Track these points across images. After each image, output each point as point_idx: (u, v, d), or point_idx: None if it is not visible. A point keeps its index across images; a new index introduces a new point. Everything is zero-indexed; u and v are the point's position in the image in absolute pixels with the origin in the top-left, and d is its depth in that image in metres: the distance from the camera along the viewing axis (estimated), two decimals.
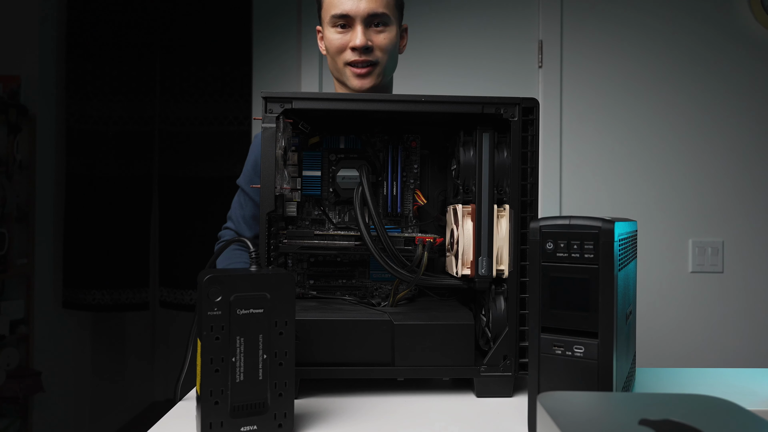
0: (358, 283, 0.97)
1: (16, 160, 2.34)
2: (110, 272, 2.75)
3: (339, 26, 1.10)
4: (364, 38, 1.07)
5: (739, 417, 0.45)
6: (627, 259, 0.70)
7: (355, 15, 1.07)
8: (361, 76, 1.10)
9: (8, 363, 2.25)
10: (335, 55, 1.12)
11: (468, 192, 0.85)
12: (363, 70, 1.10)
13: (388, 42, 1.10)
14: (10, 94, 2.35)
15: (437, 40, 2.12)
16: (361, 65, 1.10)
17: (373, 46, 1.09)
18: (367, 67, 1.10)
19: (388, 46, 1.11)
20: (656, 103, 2.09)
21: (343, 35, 1.10)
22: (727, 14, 2.09)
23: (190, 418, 0.72)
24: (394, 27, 1.12)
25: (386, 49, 1.11)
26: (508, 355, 0.81)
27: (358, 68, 1.10)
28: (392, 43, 1.12)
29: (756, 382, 0.89)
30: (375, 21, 1.09)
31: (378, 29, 1.10)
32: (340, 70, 1.13)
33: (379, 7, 1.08)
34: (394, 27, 1.12)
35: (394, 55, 1.15)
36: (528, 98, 0.83)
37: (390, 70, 1.15)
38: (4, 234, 2.25)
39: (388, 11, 1.09)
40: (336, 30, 1.10)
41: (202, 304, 0.62)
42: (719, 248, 2.06)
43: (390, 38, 1.11)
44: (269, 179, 0.80)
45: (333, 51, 1.12)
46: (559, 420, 0.43)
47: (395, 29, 1.12)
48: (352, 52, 1.09)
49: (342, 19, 1.09)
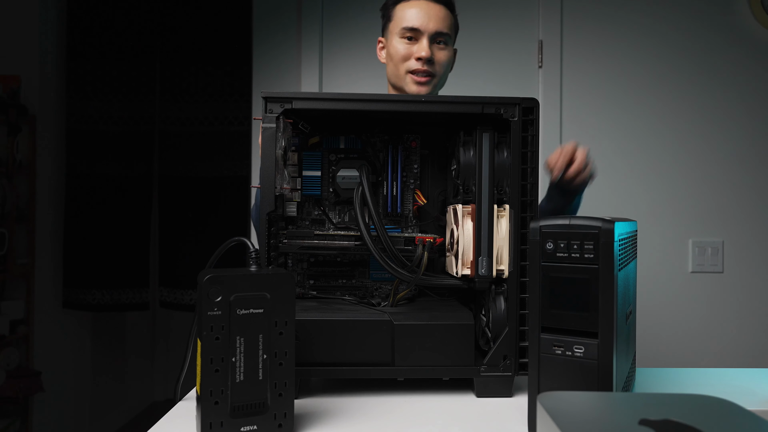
0: (358, 283, 0.97)
1: (16, 160, 2.34)
2: (110, 272, 2.75)
3: (407, 38, 1.23)
4: (429, 51, 1.21)
5: (739, 417, 0.45)
6: (627, 259, 0.70)
7: (423, 30, 1.21)
8: (420, 84, 1.22)
9: (8, 363, 2.25)
10: (399, 63, 1.24)
11: (468, 192, 0.85)
12: (423, 78, 1.22)
13: (446, 59, 1.24)
14: (10, 94, 2.35)
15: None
16: (422, 74, 1.22)
17: (434, 59, 1.22)
18: (427, 77, 1.22)
19: (445, 63, 1.24)
20: (656, 103, 2.09)
21: (409, 46, 1.23)
22: (727, 14, 2.09)
23: (190, 418, 0.72)
24: (451, 47, 1.27)
25: (444, 65, 1.24)
26: (508, 355, 0.81)
27: (419, 76, 1.22)
28: (449, 61, 1.26)
29: (756, 382, 0.89)
30: (439, 39, 1.23)
31: (440, 46, 1.23)
32: (401, 77, 1.24)
33: (444, 27, 1.22)
34: (452, 48, 1.27)
35: (447, 72, 1.28)
36: (528, 98, 0.83)
37: (441, 85, 1.28)
38: (4, 234, 2.25)
39: (450, 32, 1.24)
40: (404, 41, 1.23)
41: (202, 304, 0.62)
42: (719, 248, 2.06)
43: (448, 56, 1.25)
44: (269, 179, 0.80)
45: (398, 59, 1.24)
46: (559, 420, 0.43)
47: (452, 49, 1.27)
48: (416, 61, 1.21)
49: (411, 32, 1.22)
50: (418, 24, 1.21)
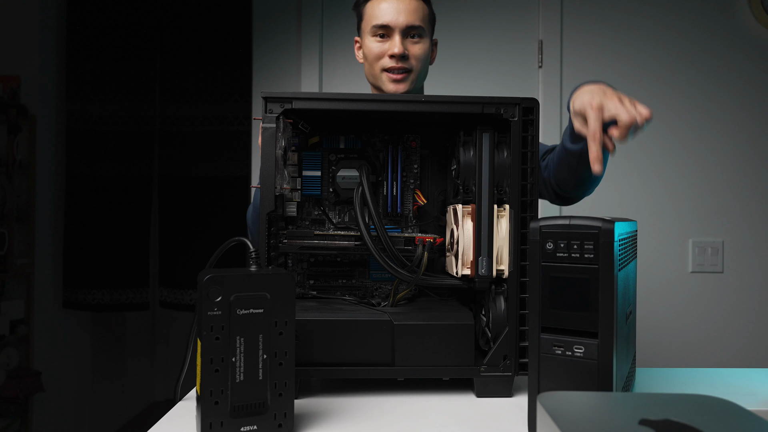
0: (357, 283, 0.97)
1: (16, 160, 2.34)
2: (110, 272, 2.75)
3: (379, 36, 1.19)
4: (402, 47, 1.17)
5: (739, 417, 0.45)
6: (627, 259, 0.70)
7: (394, 26, 1.17)
8: (396, 81, 1.19)
9: (8, 363, 2.25)
10: (374, 62, 1.21)
11: (468, 192, 0.85)
12: (399, 75, 1.19)
13: (422, 52, 1.20)
14: (10, 94, 2.35)
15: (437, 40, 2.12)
16: (397, 71, 1.19)
17: (408, 54, 1.19)
18: (403, 74, 1.19)
19: (421, 56, 1.20)
20: (656, 103, 2.09)
21: (382, 44, 1.19)
22: (727, 14, 2.09)
23: (190, 418, 0.72)
24: (427, 39, 1.22)
25: (420, 59, 1.20)
26: (508, 355, 0.81)
27: (394, 74, 1.19)
28: (425, 54, 1.22)
29: (756, 382, 0.89)
30: (412, 32, 1.19)
31: (414, 40, 1.20)
32: (377, 76, 1.21)
33: (416, 20, 1.18)
34: (428, 39, 1.22)
35: (426, 65, 1.24)
36: (528, 98, 0.83)
37: (421, 79, 1.24)
38: (4, 234, 2.25)
39: (423, 24, 1.20)
40: (376, 39, 1.20)
41: (202, 304, 0.62)
42: (719, 248, 2.06)
43: (424, 49, 1.21)
44: (270, 179, 0.80)
45: (372, 58, 1.21)
46: (559, 420, 0.43)
47: (428, 41, 1.23)
48: (390, 59, 1.18)
49: (382, 29, 1.18)
50: (388, 20, 1.17)
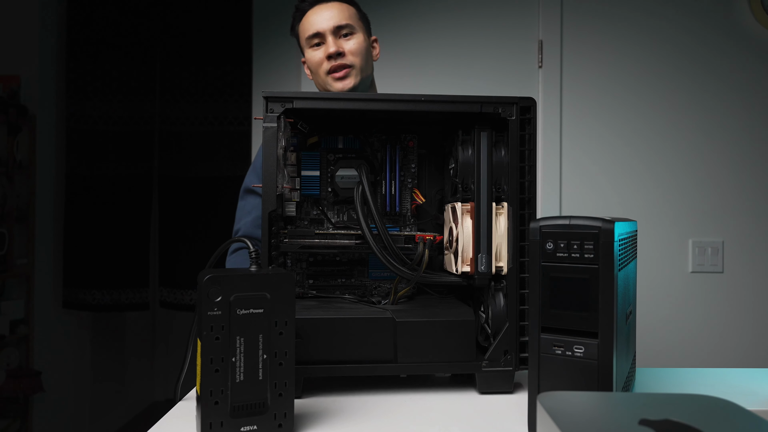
0: (357, 282, 0.97)
1: (16, 160, 2.34)
2: (110, 272, 2.75)
3: (314, 45, 1.25)
4: (336, 46, 1.22)
5: (739, 417, 0.45)
6: (627, 259, 0.70)
7: (324, 30, 1.23)
8: (340, 79, 1.24)
9: (8, 363, 2.25)
10: (317, 70, 1.26)
11: (467, 190, 0.85)
12: (341, 73, 1.23)
13: (357, 47, 1.24)
14: (10, 94, 2.35)
15: (437, 40, 2.12)
16: (338, 69, 1.23)
17: (344, 51, 1.23)
18: (344, 70, 1.23)
19: (357, 50, 1.24)
20: (656, 103, 2.09)
21: (319, 51, 1.25)
22: (727, 14, 2.09)
23: (190, 418, 0.72)
24: (360, 34, 1.26)
25: (356, 52, 1.24)
26: (509, 350, 0.81)
27: (336, 72, 1.23)
28: (361, 47, 1.25)
29: (756, 382, 0.89)
30: (342, 32, 1.24)
31: (346, 38, 1.24)
32: (324, 81, 1.26)
33: (343, 19, 1.24)
34: (361, 35, 1.26)
35: (368, 60, 1.28)
36: (525, 97, 0.83)
37: (365, 71, 1.27)
38: (4, 234, 2.25)
39: (351, 21, 1.25)
40: (313, 49, 1.26)
41: (202, 304, 0.62)
42: (719, 248, 2.06)
43: (358, 43, 1.25)
44: (271, 178, 0.80)
45: (314, 66, 1.26)
46: (559, 420, 0.43)
47: (362, 36, 1.26)
48: (328, 61, 1.23)
49: (316, 37, 1.24)
50: (317, 27, 1.23)
